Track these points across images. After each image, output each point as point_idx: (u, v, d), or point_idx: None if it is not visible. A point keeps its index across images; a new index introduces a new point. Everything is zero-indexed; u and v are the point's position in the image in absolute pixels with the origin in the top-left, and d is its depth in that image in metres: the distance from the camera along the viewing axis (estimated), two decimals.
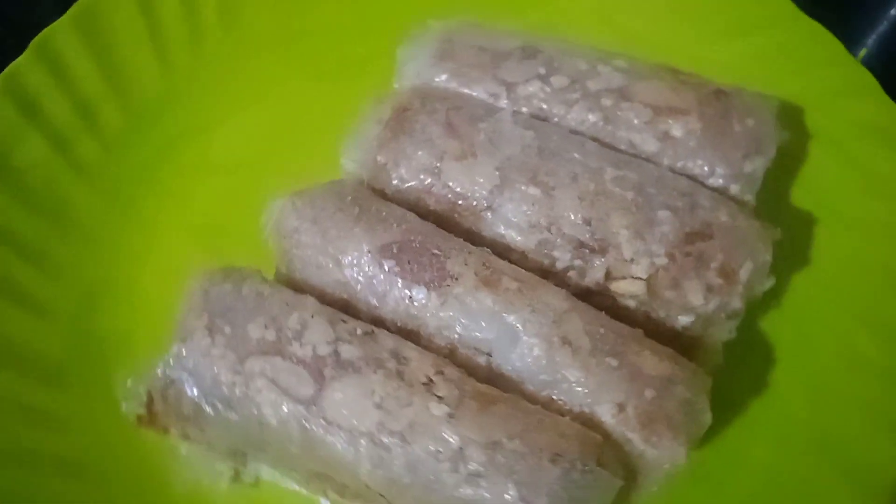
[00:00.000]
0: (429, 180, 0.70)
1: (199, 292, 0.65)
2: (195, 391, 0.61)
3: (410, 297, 0.63)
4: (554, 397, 0.60)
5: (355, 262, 0.65)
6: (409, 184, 0.71)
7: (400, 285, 0.64)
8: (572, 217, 0.67)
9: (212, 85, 0.89)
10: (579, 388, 0.60)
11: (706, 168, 0.73)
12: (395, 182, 0.71)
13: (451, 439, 0.56)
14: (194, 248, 0.79)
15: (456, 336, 0.63)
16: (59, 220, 0.79)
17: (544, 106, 0.76)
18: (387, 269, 0.64)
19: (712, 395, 0.62)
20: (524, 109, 0.76)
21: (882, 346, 0.72)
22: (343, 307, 0.66)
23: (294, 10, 0.93)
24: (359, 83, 0.81)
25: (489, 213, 0.69)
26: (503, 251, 0.69)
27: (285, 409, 0.59)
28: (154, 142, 0.85)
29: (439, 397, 0.57)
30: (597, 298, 0.68)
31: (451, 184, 0.70)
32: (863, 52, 0.97)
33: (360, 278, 0.65)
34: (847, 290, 0.76)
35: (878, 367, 0.71)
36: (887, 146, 0.81)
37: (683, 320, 0.67)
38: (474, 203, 0.69)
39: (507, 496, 0.54)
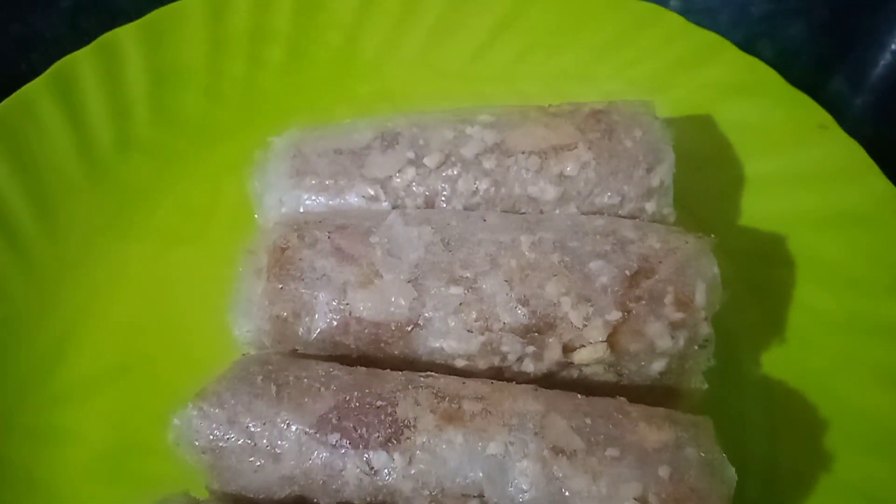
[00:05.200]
0: (339, 319, 0.62)
1: None
2: None
3: (371, 468, 0.54)
4: None
5: (295, 449, 0.55)
6: (320, 330, 0.62)
7: (354, 458, 0.54)
8: (507, 303, 0.60)
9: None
10: (592, 498, 0.52)
11: (615, 196, 0.68)
12: (302, 334, 0.62)
13: None
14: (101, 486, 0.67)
15: (438, 491, 0.54)
16: None
17: (427, 191, 0.69)
18: (333, 444, 0.54)
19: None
20: (408, 202, 0.69)
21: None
22: None
23: None
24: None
25: (418, 331, 0.61)
26: (447, 364, 0.61)
27: None
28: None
29: None
30: (562, 377, 0.62)
31: (364, 315, 0.61)
32: None
33: (307, 466, 0.55)
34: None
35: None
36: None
37: (657, 367, 0.61)
38: (397, 326, 0.61)
39: None
